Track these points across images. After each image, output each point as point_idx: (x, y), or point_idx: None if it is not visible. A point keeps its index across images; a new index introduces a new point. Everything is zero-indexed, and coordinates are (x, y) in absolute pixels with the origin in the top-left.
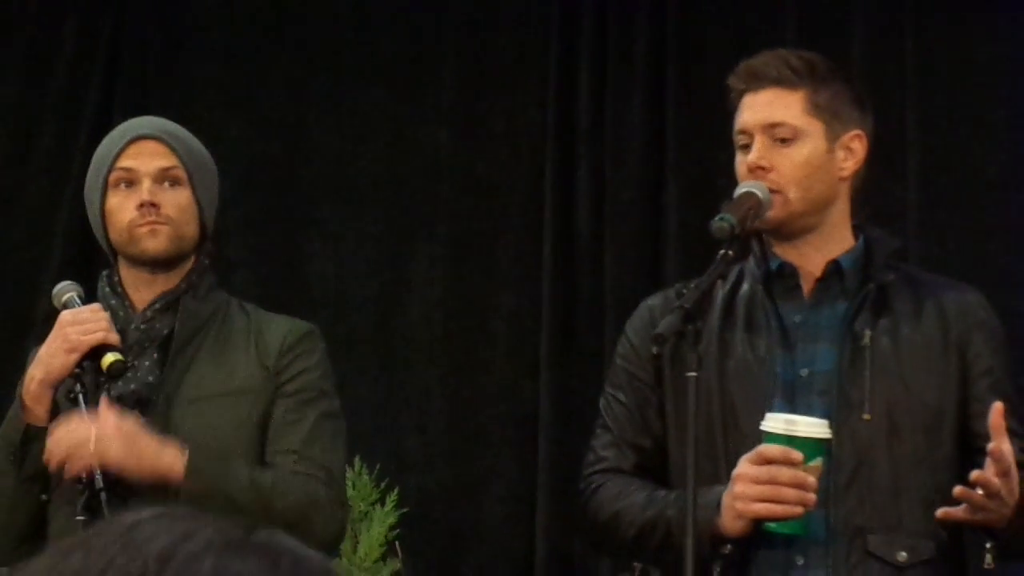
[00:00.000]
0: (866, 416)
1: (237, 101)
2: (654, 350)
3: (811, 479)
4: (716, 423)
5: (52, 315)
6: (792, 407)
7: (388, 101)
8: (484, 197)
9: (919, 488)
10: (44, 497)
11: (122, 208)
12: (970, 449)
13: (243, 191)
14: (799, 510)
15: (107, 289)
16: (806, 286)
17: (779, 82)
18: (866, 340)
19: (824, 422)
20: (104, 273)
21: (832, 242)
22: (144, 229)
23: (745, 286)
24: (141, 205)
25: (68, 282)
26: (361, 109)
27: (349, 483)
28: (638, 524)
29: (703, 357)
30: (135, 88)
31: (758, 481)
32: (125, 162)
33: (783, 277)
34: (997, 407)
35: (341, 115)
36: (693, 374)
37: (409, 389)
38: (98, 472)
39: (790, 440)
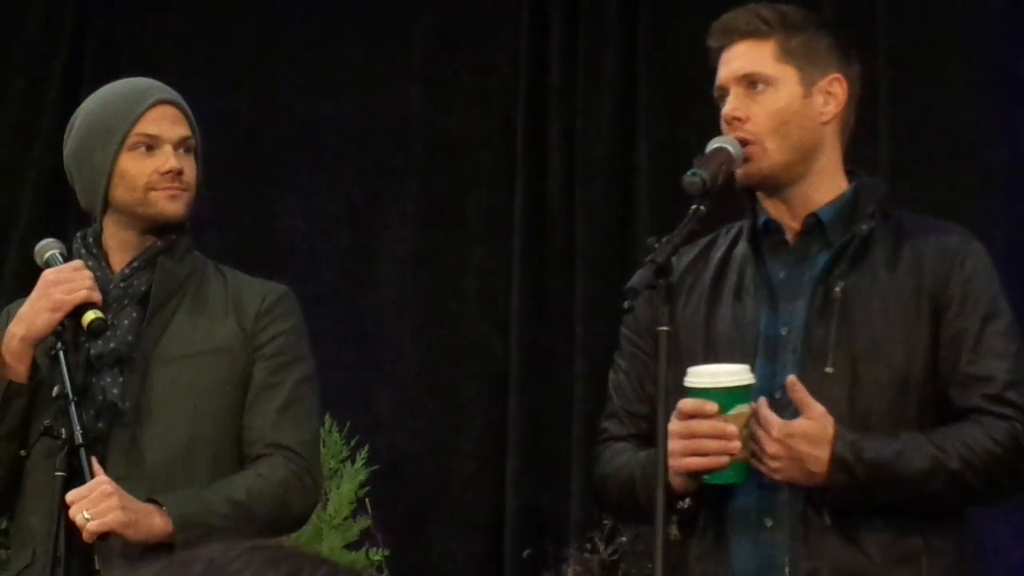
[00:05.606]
0: (829, 369)
1: (207, 57)
2: (625, 305)
3: (731, 427)
4: None
5: (23, 273)
6: (773, 366)
7: (359, 57)
8: (455, 154)
9: None
10: (23, 453)
11: (141, 171)
12: (944, 413)
13: (213, 147)
14: (724, 459)
15: (83, 251)
16: (791, 241)
17: (750, 34)
18: (837, 292)
19: (743, 368)
20: (79, 234)
21: (821, 191)
22: (164, 193)
23: (740, 245)
24: (167, 172)
25: (51, 239)
26: (332, 65)
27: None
28: (617, 487)
29: (691, 317)
30: (105, 45)
31: (681, 436)
32: (148, 127)
33: (770, 233)
34: (790, 381)
35: (312, 71)
36: (664, 328)
37: (379, 346)
38: (77, 428)
39: (704, 392)
